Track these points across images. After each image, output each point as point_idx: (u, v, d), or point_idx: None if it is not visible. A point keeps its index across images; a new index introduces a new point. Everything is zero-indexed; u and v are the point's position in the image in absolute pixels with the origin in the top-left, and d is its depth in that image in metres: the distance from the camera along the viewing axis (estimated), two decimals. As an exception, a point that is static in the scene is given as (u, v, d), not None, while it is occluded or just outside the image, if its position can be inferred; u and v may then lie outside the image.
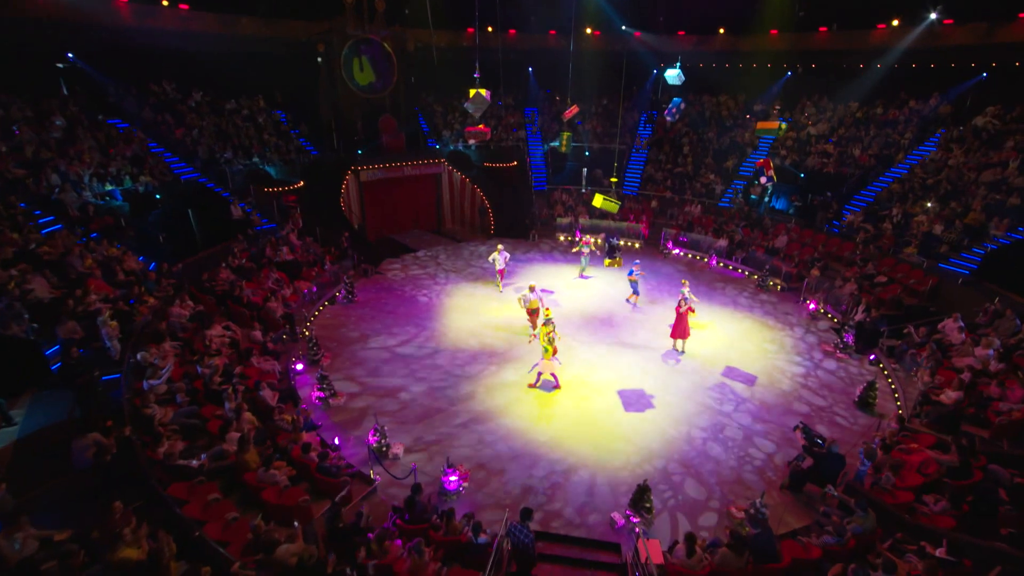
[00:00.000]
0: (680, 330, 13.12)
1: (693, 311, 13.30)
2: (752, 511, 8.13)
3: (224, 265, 14.24)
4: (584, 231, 22.34)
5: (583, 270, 18.54)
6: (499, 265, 16.37)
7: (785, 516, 8.72)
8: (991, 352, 11.30)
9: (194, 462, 7.99)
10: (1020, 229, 15.36)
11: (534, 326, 13.59)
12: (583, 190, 25.18)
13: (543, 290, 17.20)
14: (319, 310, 15.11)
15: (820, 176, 21.69)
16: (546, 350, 11.31)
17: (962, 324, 12.57)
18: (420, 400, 11.33)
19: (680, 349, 13.51)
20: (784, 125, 15.85)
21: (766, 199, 21.95)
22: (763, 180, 13.60)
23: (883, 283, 15.67)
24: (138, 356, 9.51)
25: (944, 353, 12.26)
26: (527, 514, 7.28)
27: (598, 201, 14.40)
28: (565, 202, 24.30)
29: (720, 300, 17.01)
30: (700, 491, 9.28)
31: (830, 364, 13.45)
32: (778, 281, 17.90)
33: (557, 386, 11.70)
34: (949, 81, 21.65)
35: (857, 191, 20.36)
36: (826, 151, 22.54)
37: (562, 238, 22.77)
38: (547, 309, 12.63)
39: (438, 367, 12.61)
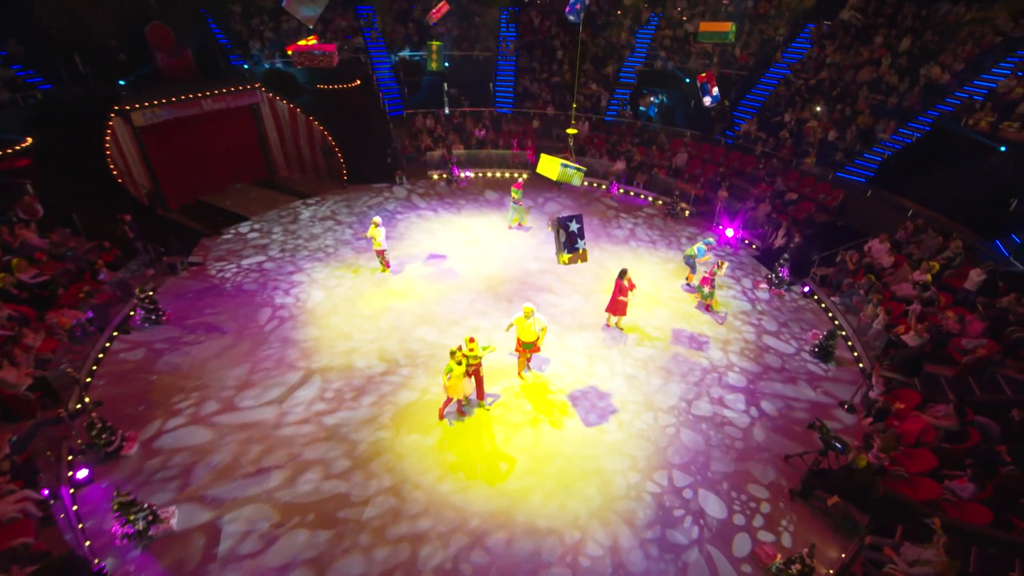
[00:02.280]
0: (616, 306, 10.69)
1: (631, 290, 10.60)
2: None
3: None
4: (461, 165, 18.55)
5: (520, 219, 15.09)
6: (380, 243, 12.13)
7: (811, 538, 7.21)
8: (929, 278, 10.78)
9: None
10: (903, 132, 15.28)
11: (523, 365, 9.73)
12: (446, 111, 20.76)
13: (432, 256, 13.55)
14: (102, 354, 9.75)
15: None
16: (450, 371, 8.03)
17: (889, 245, 12.02)
18: (310, 502, 7.51)
19: (616, 326, 11.18)
20: (734, 27, 13.05)
21: (654, 102, 19.86)
22: (708, 101, 11.10)
23: (794, 200, 14.83)
24: None
25: (877, 276, 11.68)
26: None
27: (551, 169, 9.19)
28: (432, 130, 19.79)
29: (636, 237, 14.98)
30: (719, 505, 7.64)
31: (770, 300, 12.39)
32: (686, 206, 16.38)
33: (463, 413, 8.78)
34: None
35: (743, 95, 19.18)
36: (706, 51, 20.82)
37: (436, 176, 18.66)
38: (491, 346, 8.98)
39: (323, 431, 8.64)
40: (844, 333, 10.92)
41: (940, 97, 15.35)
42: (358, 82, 18.41)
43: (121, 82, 14.71)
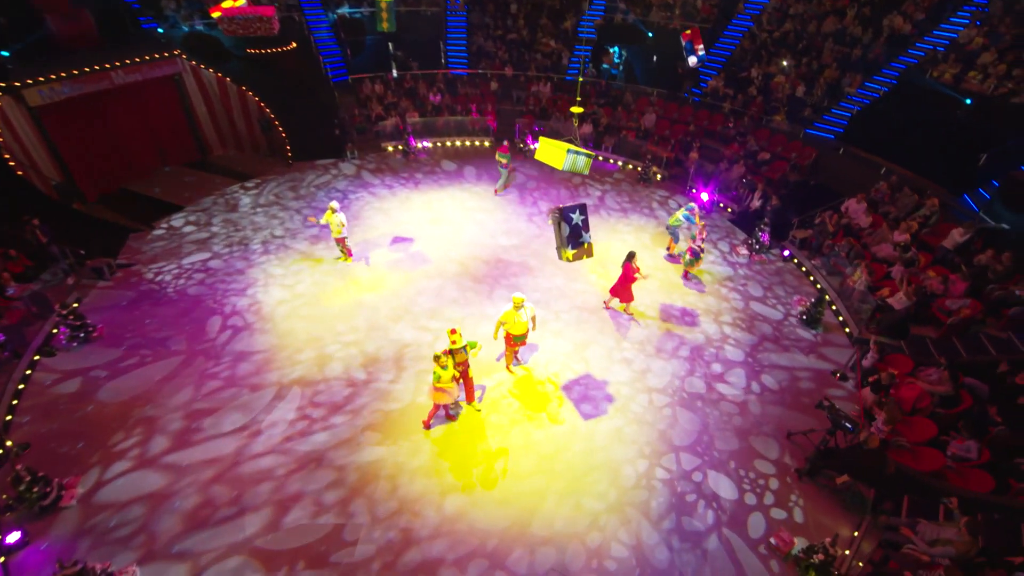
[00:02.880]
0: (623, 291, 10.08)
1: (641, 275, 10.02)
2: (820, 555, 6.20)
3: None
4: (417, 134, 17.17)
5: (500, 184, 14.82)
6: (339, 230, 10.93)
7: (821, 517, 7.13)
8: (909, 238, 10.76)
9: None
10: (870, 85, 15.13)
11: (511, 358, 9.02)
12: (394, 74, 19.08)
13: (396, 239, 12.51)
14: (23, 385, 8.29)
15: (667, 33, 19.17)
16: (439, 378, 7.27)
17: (866, 205, 11.93)
18: (298, 547, 6.68)
19: (625, 312, 10.54)
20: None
21: (618, 62, 18.94)
22: (693, 61, 10.32)
23: (767, 161, 14.52)
24: None
25: (856, 236, 11.62)
26: None
27: (554, 156, 7.40)
28: (382, 97, 18.14)
29: (606, 206, 14.35)
30: (730, 486, 7.49)
31: (750, 264, 12.20)
32: (658, 170, 15.84)
33: (452, 416, 8.10)
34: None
35: (708, 49, 18.47)
36: (667, 2, 19.87)
37: (391, 148, 17.24)
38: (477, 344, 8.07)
39: (298, 464, 7.72)
40: (828, 297, 10.83)
41: (904, 48, 15.22)
42: (294, 45, 16.48)
43: (4, 53, 12.39)
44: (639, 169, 16.01)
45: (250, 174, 15.31)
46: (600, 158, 16.93)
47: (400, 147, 17.13)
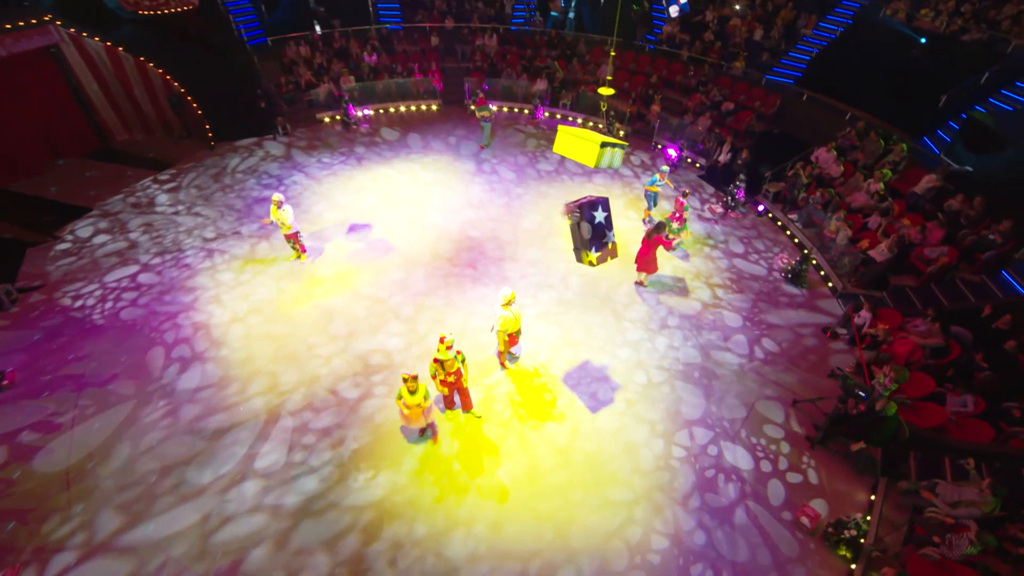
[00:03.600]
0: (648, 263, 9.54)
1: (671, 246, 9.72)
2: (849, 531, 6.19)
3: None
4: (356, 102, 15.45)
5: (486, 141, 14.26)
6: (289, 225, 9.54)
7: (836, 483, 7.17)
8: (882, 186, 10.78)
9: None
10: (825, 26, 14.87)
11: (504, 358, 8.30)
12: (317, 30, 16.90)
13: (352, 227, 11.31)
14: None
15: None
16: (400, 396, 6.59)
17: (836, 154, 11.84)
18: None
19: (643, 284, 10.07)
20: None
21: (566, 7, 17.68)
22: (675, 11, 9.40)
23: (732, 111, 14.13)
24: None
25: (828, 187, 11.56)
26: None
27: (584, 151, 6.02)
28: (310, 60, 16.06)
29: (568, 170, 13.56)
30: (745, 456, 7.42)
31: (724, 220, 11.98)
32: (621, 126, 15.13)
33: (432, 435, 7.32)
34: None
35: (657, -8, 17.54)
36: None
37: (327, 119, 15.47)
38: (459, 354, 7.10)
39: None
40: (807, 251, 10.77)
41: (856, -16, 14.97)
42: (196, 3, 14.02)
43: None
44: (600, 126, 15.25)
45: (165, 161, 13.26)
46: (558, 116, 15.98)
47: (338, 117, 15.40)
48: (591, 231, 5.59)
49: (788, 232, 11.65)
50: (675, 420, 7.75)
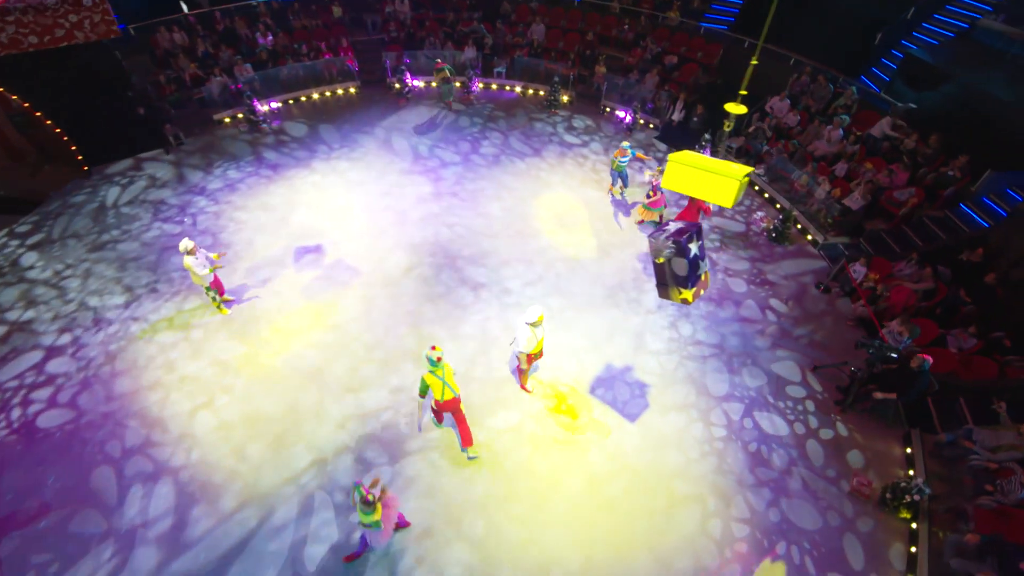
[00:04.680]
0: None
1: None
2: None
3: None
4: (259, 95, 13.15)
5: (450, 97, 13.48)
6: (204, 275, 7.59)
7: (870, 440, 7.35)
8: (841, 132, 10.94)
9: None
10: (748, -37, 14.59)
11: (526, 378, 7.54)
12: (184, 9, 14.04)
13: (301, 251, 9.74)
14: None
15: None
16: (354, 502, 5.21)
17: (789, 103, 11.84)
18: None
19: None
20: None
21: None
22: None
23: (676, 65, 13.66)
24: None
25: (787, 136, 11.62)
26: None
27: (717, 189, 5.00)
28: (190, 49, 13.26)
29: (515, 149, 12.54)
30: (778, 422, 7.50)
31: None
32: (564, 91, 14.18)
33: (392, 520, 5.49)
34: None
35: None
36: None
37: (227, 120, 13.06)
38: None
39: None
40: (787, 209, 10.79)
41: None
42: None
43: None
44: (541, 94, 14.22)
45: (21, 199, 10.48)
46: (494, 86, 14.68)
47: (240, 116, 13.03)
48: (687, 267, 4.74)
49: (756, 187, 11.62)
50: (706, 400, 7.61)
